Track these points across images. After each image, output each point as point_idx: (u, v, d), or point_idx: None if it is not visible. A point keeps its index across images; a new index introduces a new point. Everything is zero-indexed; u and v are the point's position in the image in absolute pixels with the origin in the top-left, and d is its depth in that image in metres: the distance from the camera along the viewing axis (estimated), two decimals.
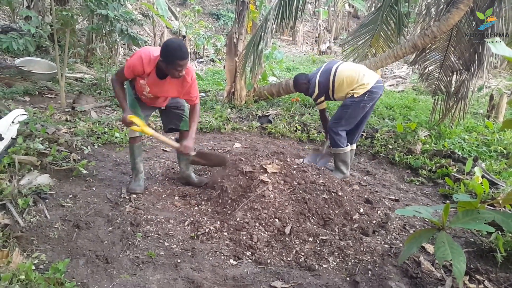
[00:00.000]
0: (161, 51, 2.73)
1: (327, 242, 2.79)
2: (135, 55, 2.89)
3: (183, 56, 2.70)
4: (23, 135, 3.64)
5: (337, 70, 3.86)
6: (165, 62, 2.73)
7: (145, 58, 2.83)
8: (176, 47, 2.69)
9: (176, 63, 2.71)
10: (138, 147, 3.41)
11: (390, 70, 12.36)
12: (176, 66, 2.73)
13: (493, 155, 5.02)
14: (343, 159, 4.00)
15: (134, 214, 2.96)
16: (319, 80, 3.93)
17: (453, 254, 2.05)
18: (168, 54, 2.69)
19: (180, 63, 2.72)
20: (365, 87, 3.75)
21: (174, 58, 2.69)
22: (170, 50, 2.69)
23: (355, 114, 3.85)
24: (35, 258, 2.29)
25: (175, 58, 2.69)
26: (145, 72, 2.87)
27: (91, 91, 6.35)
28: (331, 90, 3.92)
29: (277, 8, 5.51)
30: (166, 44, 2.73)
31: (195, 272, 2.39)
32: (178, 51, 2.68)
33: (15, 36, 5.02)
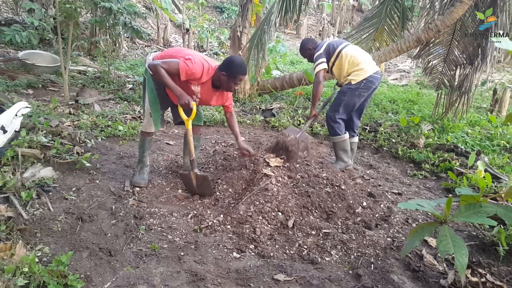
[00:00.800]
0: (226, 65, 2.94)
1: (330, 235, 2.80)
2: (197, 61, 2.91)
3: (245, 72, 3.01)
4: (26, 128, 3.65)
5: (345, 46, 3.88)
6: (227, 75, 2.94)
7: (205, 68, 2.95)
8: (241, 63, 2.96)
9: (238, 78, 2.96)
10: (150, 141, 3.43)
11: (394, 64, 12.29)
12: (237, 80, 2.98)
13: (496, 149, 5.01)
14: (344, 147, 3.98)
15: (137, 207, 2.97)
16: (326, 46, 3.87)
17: (455, 247, 2.05)
18: (233, 68, 2.92)
19: (241, 78, 2.99)
20: (362, 74, 3.76)
21: (238, 73, 2.94)
22: (236, 65, 2.93)
23: (352, 102, 3.84)
24: (39, 251, 2.31)
25: (239, 73, 2.94)
26: (201, 81, 2.99)
27: (95, 84, 6.35)
28: (332, 62, 3.87)
29: (281, 1, 5.48)
30: (232, 59, 2.98)
31: (198, 265, 2.40)
32: (243, 67, 2.96)
33: (18, 29, 5.01)
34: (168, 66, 2.88)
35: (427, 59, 6.14)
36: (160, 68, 2.87)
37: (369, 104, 6.84)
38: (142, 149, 3.41)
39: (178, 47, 3.47)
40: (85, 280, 2.13)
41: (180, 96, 2.93)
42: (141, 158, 3.42)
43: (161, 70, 2.87)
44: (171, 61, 2.91)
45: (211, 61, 3.06)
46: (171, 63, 2.90)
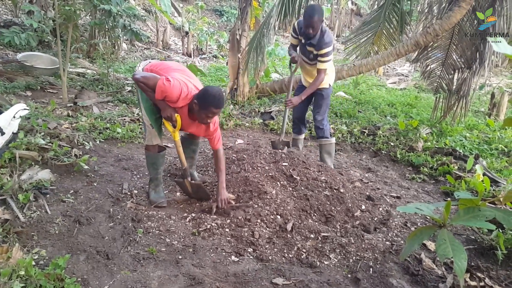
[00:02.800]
0: (199, 95, 2.75)
1: (328, 239, 2.79)
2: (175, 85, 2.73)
3: (219, 106, 2.75)
4: (24, 130, 3.64)
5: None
6: (199, 105, 2.74)
7: (183, 93, 2.76)
8: (215, 95, 2.72)
9: (210, 110, 2.74)
10: (163, 156, 3.18)
11: (392, 67, 12.32)
12: (208, 113, 2.75)
13: (494, 153, 5.02)
14: (329, 150, 4.13)
15: (135, 210, 2.96)
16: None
17: (454, 251, 2.05)
18: (206, 99, 2.72)
19: (214, 111, 2.75)
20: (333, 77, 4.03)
21: (210, 105, 2.71)
22: (209, 96, 2.71)
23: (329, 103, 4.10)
24: (35, 254, 2.29)
25: (211, 105, 2.71)
26: (177, 105, 2.81)
27: (93, 86, 6.35)
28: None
29: (280, 5, 5.49)
30: (207, 89, 2.76)
31: (196, 269, 2.39)
32: (217, 99, 2.72)
33: (17, 31, 5.00)
34: (146, 81, 2.76)
35: (426, 63, 6.16)
36: (140, 83, 2.77)
37: (368, 108, 6.87)
38: (155, 166, 3.14)
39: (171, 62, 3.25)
40: (82, 284, 2.12)
41: (164, 109, 2.83)
42: (155, 175, 3.17)
43: (140, 85, 2.78)
44: (151, 77, 2.78)
45: (195, 86, 2.89)
46: (150, 79, 2.76)
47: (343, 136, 5.35)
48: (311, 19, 3.47)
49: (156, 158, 3.13)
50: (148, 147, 3.11)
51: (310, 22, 3.49)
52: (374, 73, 10.64)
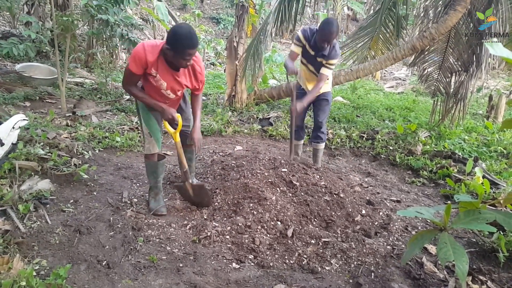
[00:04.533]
0: (168, 38, 2.46)
1: (329, 244, 2.78)
2: (135, 48, 2.59)
3: (193, 44, 2.45)
4: (23, 140, 3.64)
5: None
6: (172, 50, 2.46)
7: (147, 45, 2.53)
8: (186, 34, 2.42)
9: (185, 52, 2.46)
10: (162, 165, 3.15)
11: (389, 72, 12.38)
12: (184, 55, 2.47)
13: (493, 155, 5.02)
14: (322, 153, 4.23)
15: (135, 219, 2.95)
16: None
17: (455, 254, 2.04)
18: (177, 41, 2.43)
19: (190, 52, 2.47)
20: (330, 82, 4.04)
21: (183, 47, 2.43)
22: (179, 37, 2.42)
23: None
24: (36, 264, 2.29)
25: (184, 46, 2.43)
26: (148, 61, 2.55)
27: (92, 96, 6.36)
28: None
29: (276, 11, 5.53)
30: (174, 30, 2.45)
31: (197, 276, 2.38)
32: (188, 38, 2.43)
33: (15, 42, 5.02)
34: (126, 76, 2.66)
35: (423, 67, 6.19)
36: (125, 88, 2.71)
37: (366, 112, 6.88)
38: (155, 175, 3.11)
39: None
40: None
41: (163, 112, 2.76)
42: (155, 184, 3.14)
43: (128, 91, 2.72)
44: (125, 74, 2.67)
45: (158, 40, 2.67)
46: (125, 71, 2.66)
47: (342, 141, 5.35)
48: (330, 34, 3.44)
49: (156, 166, 3.12)
50: (148, 156, 3.08)
51: (328, 38, 3.46)
52: (371, 77, 10.68)
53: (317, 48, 3.61)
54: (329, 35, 3.44)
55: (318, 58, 3.67)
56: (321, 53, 3.63)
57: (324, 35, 3.46)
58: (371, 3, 6.79)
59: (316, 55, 3.68)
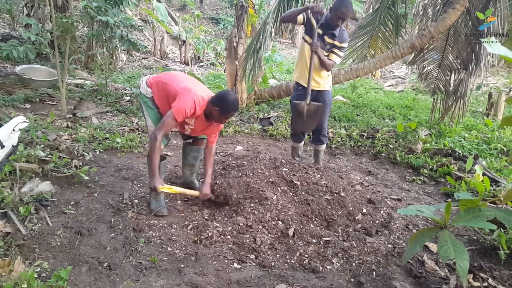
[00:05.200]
0: (219, 101, 2.89)
1: (330, 243, 2.79)
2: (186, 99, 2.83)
3: (237, 109, 3.03)
4: (24, 142, 3.64)
5: None
6: (220, 110, 2.90)
7: (197, 103, 2.89)
8: (234, 100, 2.92)
9: (230, 114, 2.99)
10: (163, 165, 3.26)
11: (389, 70, 12.38)
12: (228, 116, 3.01)
13: (493, 152, 5.03)
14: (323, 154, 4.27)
15: (136, 220, 2.96)
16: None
17: (456, 252, 2.05)
18: (226, 105, 2.89)
19: (234, 113, 3.10)
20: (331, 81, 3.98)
21: (231, 110, 2.95)
22: (229, 102, 2.89)
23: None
24: (37, 266, 2.29)
25: (231, 110, 2.94)
26: (196, 114, 2.96)
27: (92, 97, 6.37)
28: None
29: (276, 11, 5.53)
30: (226, 96, 2.90)
31: (198, 277, 2.38)
32: (235, 104, 2.93)
33: (15, 44, 5.03)
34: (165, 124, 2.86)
35: (422, 65, 6.19)
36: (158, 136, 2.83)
37: (366, 111, 6.89)
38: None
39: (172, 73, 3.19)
40: None
41: (150, 180, 2.91)
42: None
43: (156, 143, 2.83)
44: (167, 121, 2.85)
45: (203, 92, 2.99)
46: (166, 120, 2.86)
47: (342, 139, 5.36)
48: (347, 11, 3.35)
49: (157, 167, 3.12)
50: None
51: (344, 14, 3.36)
52: (371, 76, 10.69)
53: (327, 27, 3.51)
54: (346, 12, 3.37)
55: (327, 37, 3.55)
56: (331, 32, 3.52)
57: (341, 12, 3.37)
58: (370, 2, 6.80)
59: (324, 33, 3.56)
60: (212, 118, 3.00)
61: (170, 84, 2.99)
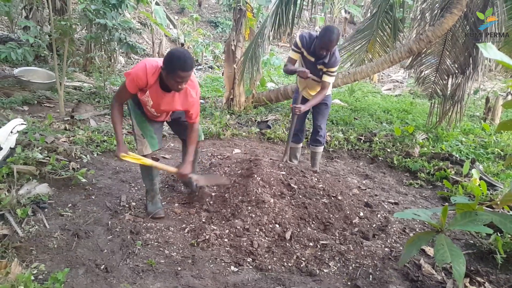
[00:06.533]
0: (164, 59, 2.53)
1: (327, 246, 2.79)
2: (138, 65, 2.64)
3: (185, 67, 2.47)
4: (22, 144, 3.64)
5: None
6: (166, 70, 2.52)
7: (149, 68, 2.60)
8: (180, 56, 2.48)
9: (177, 73, 2.48)
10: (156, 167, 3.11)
11: (386, 74, 12.42)
12: (176, 77, 2.50)
13: (491, 157, 5.05)
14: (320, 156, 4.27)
15: (133, 222, 2.95)
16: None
17: (452, 256, 2.05)
18: (171, 62, 2.48)
19: (181, 74, 2.49)
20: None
21: (176, 68, 2.46)
22: (174, 58, 2.47)
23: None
24: (34, 269, 2.29)
25: (177, 67, 2.46)
26: (149, 83, 2.62)
27: (90, 100, 6.37)
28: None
29: (274, 15, 5.55)
30: (171, 51, 2.53)
31: (195, 280, 2.38)
32: (182, 60, 2.46)
33: (13, 46, 5.04)
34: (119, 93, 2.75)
35: (420, 69, 6.22)
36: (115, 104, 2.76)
37: (364, 115, 6.91)
38: (150, 177, 3.09)
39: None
40: None
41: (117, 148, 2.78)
42: (151, 186, 3.11)
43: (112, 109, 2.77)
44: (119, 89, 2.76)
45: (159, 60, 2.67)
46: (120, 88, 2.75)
47: (340, 143, 5.37)
48: (330, 42, 3.39)
49: (150, 169, 3.06)
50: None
51: (328, 45, 3.41)
52: (369, 80, 10.72)
53: (317, 54, 3.57)
54: (328, 43, 3.40)
55: (318, 65, 3.63)
56: (321, 61, 3.59)
57: (324, 43, 3.41)
58: (368, 6, 6.83)
59: (316, 62, 3.64)
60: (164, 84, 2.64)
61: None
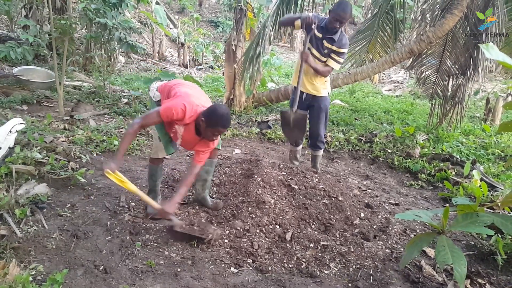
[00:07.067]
0: (207, 112, 2.66)
1: (328, 247, 2.78)
2: (177, 101, 2.68)
3: (226, 125, 2.71)
4: (20, 144, 3.62)
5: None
6: (206, 123, 2.65)
7: (189, 110, 2.68)
8: (224, 114, 2.66)
9: (217, 129, 2.68)
10: (161, 169, 3.19)
11: (387, 75, 12.41)
12: (215, 131, 2.69)
13: (491, 158, 5.04)
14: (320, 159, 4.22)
15: (133, 223, 2.94)
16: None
17: (453, 257, 2.04)
18: (214, 117, 2.64)
19: (221, 130, 2.73)
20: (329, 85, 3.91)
21: (218, 124, 2.66)
22: (217, 114, 2.64)
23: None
24: (33, 269, 2.27)
25: (218, 124, 2.66)
26: (184, 122, 2.73)
27: (90, 99, 6.35)
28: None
29: (274, 15, 5.54)
30: (215, 109, 2.67)
31: (195, 281, 2.37)
32: (225, 119, 2.66)
33: (13, 45, 5.01)
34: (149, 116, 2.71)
35: (420, 70, 6.21)
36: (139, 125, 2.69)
37: (364, 115, 6.89)
38: (154, 178, 3.14)
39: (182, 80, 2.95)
40: None
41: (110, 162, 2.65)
42: (153, 187, 3.16)
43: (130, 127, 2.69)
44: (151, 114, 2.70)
45: (202, 102, 2.79)
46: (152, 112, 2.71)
47: (341, 144, 5.36)
48: (344, 14, 3.29)
49: (156, 169, 3.13)
50: (153, 160, 3.09)
51: (342, 17, 3.30)
52: (369, 80, 10.71)
53: (326, 30, 3.47)
54: (343, 14, 3.31)
55: (326, 42, 3.51)
56: (330, 36, 3.48)
57: (338, 14, 3.32)
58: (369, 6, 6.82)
59: (323, 37, 3.52)
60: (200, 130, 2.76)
61: (174, 88, 2.86)
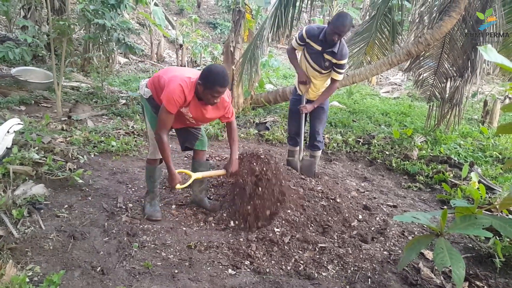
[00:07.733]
0: (202, 74, 2.63)
1: (326, 249, 2.77)
2: (171, 86, 2.64)
3: (223, 84, 2.61)
4: (18, 144, 3.61)
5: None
6: (203, 85, 2.61)
7: (185, 86, 2.65)
8: (219, 72, 2.60)
9: (215, 89, 2.60)
10: (159, 170, 3.17)
11: (385, 77, 12.43)
12: (214, 92, 2.61)
13: (489, 160, 5.05)
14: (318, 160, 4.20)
15: (130, 224, 2.93)
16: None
17: (452, 260, 2.04)
18: (211, 77, 2.58)
19: (220, 90, 2.62)
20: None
21: (215, 83, 2.58)
22: (213, 73, 2.59)
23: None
24: (29, 270, 2.26)
25: (216, 83, 2.58)
26: (187, 100, 2.70)
27: (88, 100, 6.34)
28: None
29: (273, 17, 5.54)
30: (209, 68, 2.63)
31: (192, 283, 2.36)
32: (221, 77, 2.59)
33: (11, 46, 5.00)
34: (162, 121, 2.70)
35: (418, 72, 6.22)
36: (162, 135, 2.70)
37: (362, 117, 6.90)
38: (152, 179, 3.13)
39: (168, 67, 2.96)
40: None
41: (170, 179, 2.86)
42: (152, 188, 3.14)
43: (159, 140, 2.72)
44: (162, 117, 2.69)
45: (191, 74, 2.76)
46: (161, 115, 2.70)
47: (338, 145, 5.36)
48: (343, 27, 3.32)
49: (154, 171, 3.12)
50: (150, 160, 3.09)
51: (341, 30, 3.33)
52: (367, 82, 10.72)
53: (325, 43, 3.48)
54: (341, 28, 3.32)
55: (326, 54, 3.52)
56: (330, 50, 3.49)
57: (336, 28, 3.33)
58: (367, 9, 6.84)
59: (323, 51, 3.53)
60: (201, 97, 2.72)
61: (162, 76, 2.81)
